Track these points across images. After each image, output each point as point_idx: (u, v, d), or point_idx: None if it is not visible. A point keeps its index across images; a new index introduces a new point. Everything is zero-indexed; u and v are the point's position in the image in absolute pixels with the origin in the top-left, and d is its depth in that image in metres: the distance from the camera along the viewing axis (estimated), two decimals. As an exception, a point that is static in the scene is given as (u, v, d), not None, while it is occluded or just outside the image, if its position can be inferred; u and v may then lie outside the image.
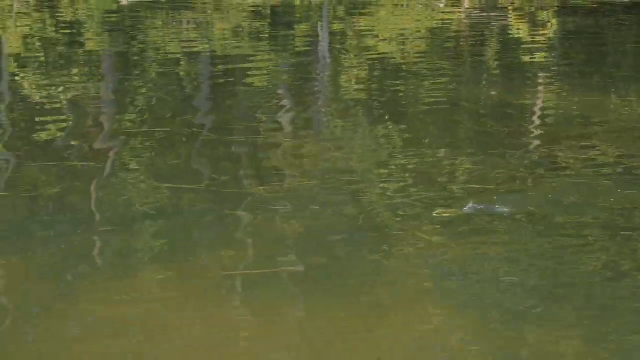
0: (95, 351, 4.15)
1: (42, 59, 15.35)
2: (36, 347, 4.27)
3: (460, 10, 24.50)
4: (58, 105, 11.17)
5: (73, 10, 23.10)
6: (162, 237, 6.10)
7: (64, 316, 4.62)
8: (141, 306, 4.77)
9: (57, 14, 22.06)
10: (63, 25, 20.25)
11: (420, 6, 24.85)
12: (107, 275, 5.28)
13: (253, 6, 23.76)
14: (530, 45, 17.96)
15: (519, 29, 20.43)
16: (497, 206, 6.45)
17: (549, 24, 21.26)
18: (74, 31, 19.37)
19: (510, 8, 24.62)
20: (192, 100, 11.85)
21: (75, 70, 13.83)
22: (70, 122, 10.28)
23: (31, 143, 9.20)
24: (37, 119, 10.39)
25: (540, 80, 14.07)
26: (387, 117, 10.82)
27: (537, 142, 9.61)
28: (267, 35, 18.57)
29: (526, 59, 16.57)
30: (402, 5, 25.03)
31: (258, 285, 5.10)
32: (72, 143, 9.21)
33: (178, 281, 5.19)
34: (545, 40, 19.03)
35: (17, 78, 13.43)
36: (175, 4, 23.77)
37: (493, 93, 12.84)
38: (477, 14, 23.73)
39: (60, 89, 12.10)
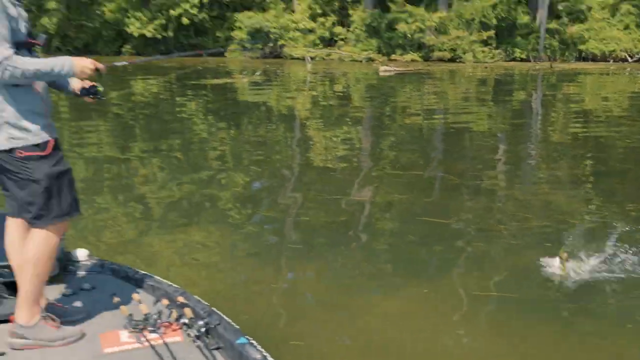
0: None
1: (323, 113, 15.85)
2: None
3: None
4: (334, 147, 11.26)
5: (345, 79, 24.34)
6: (415, 260, 5.90)
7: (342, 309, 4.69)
8: (384, 319, 4.60)
9: (334, 83, 23.30)
10: (338, 90, 21.22)
11: (625, 74, 23.62)
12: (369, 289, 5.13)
13: (482, 77, 23.74)
14: None
15: None
16: None
17: None
18: (345, 94, 20.09)
19: None
20: (433, 148, 11.57)
21: (345, 121, 14.20)
22: (342, 162, 10.26)
23: (312, 175, 9.44)
24: (316, 156, 10.69)
25: None
26: (589, 165, 10.09)
27: None
28: (490, 101, 18.26)
29: None
30: (607, 74, 23.97)
31: (498, 305, 4.83)
32: (346, 178, 9.10)
33: (425, 297, 4.97)
34: None
35: (306, 125, 14.07)
36: (420, 76, 24.33)
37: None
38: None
39: (335, 135, 12.37)
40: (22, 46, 3.10)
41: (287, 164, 10.29)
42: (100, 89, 3.28)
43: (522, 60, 29.35)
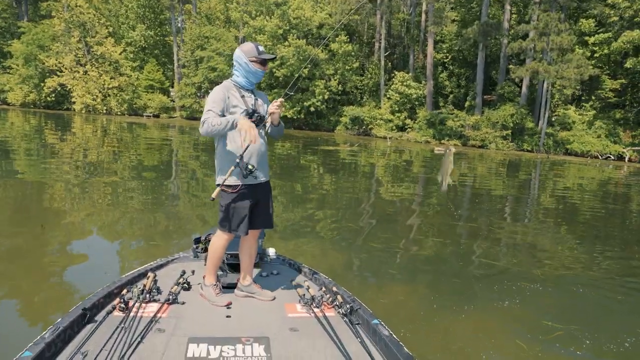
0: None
1: (390, 172, 15.59)
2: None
3: (622, 172, 21.68)
4: (393, 194, 10.90)
5: (409, 152, 24.22)
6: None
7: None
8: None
9: (402, 154, 23.16)
10: (403, 159, 21.06)
11: (596, 166, 22.61)
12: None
13: (501, 160, 23.26)
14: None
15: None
16: None
17: None
18: (408, 162, 20.00)
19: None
20: (458, 203, 10.67)
21: (404, 180, 13.99)
22: (398, 204, 9.81)
23: (378, 216, 9.42)
24: (385, 200, 10.45)
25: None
26: (564, 218, 9.51)
27: None
28: (505, 176, 17.74)
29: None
30: (585, 165, 23.01)
31: None
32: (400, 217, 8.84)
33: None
34: None
35: (380, 177, 13.56)
36: (460, 155, 24.02)
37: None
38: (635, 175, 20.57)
39: (397, 186, 12.19)
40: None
41: (366, 200, 10.22)
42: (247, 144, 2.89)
43: (528, 150, 28.53)
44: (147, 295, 3.01)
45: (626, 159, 26.55)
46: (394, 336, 2.64)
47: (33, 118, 31.37)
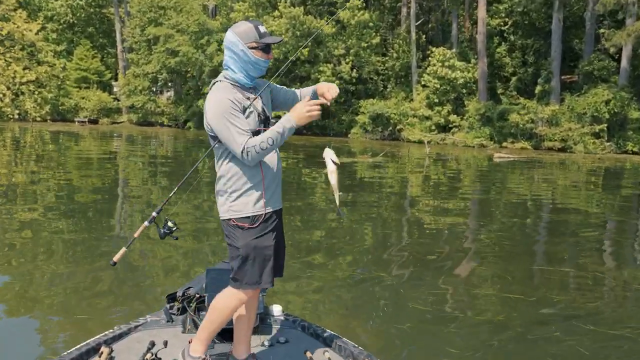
0: None
1: (431, 193, 15.84)
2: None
3: None
4: (437, 226, 11.06)
5: (457, 162, 24.31)
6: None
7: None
8: None
9: (447, 165, 23.31)
10: (448, 172, 21.13)
11: None
12: None
13: (593, 168, 23.21)
14: None
15: None
16: None
17: None
18: (456, 176, 20.07)
19: None
20: (535, 236, 10.94)
21: (452, 203, 14.03)
22: (445, 240, 9.94)
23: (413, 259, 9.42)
24: (426, 235, 10.63)
25: None
26: None
27: None
28: (600, 191, 17.61)
29: None
30: None
31: None
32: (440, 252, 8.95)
33: None
34: None
35: (416, 200, 14.13)
36: (530, 163, 24.03)
37: None
38: None
39: (442, 214, 12.29)
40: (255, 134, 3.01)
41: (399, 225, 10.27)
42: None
43: (634, 153, 28.45)
44: None
45: None
46: None
47: None
